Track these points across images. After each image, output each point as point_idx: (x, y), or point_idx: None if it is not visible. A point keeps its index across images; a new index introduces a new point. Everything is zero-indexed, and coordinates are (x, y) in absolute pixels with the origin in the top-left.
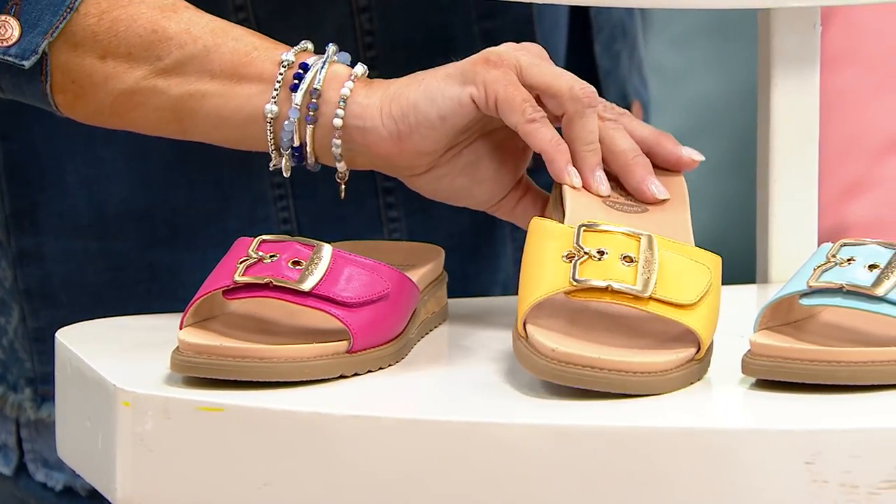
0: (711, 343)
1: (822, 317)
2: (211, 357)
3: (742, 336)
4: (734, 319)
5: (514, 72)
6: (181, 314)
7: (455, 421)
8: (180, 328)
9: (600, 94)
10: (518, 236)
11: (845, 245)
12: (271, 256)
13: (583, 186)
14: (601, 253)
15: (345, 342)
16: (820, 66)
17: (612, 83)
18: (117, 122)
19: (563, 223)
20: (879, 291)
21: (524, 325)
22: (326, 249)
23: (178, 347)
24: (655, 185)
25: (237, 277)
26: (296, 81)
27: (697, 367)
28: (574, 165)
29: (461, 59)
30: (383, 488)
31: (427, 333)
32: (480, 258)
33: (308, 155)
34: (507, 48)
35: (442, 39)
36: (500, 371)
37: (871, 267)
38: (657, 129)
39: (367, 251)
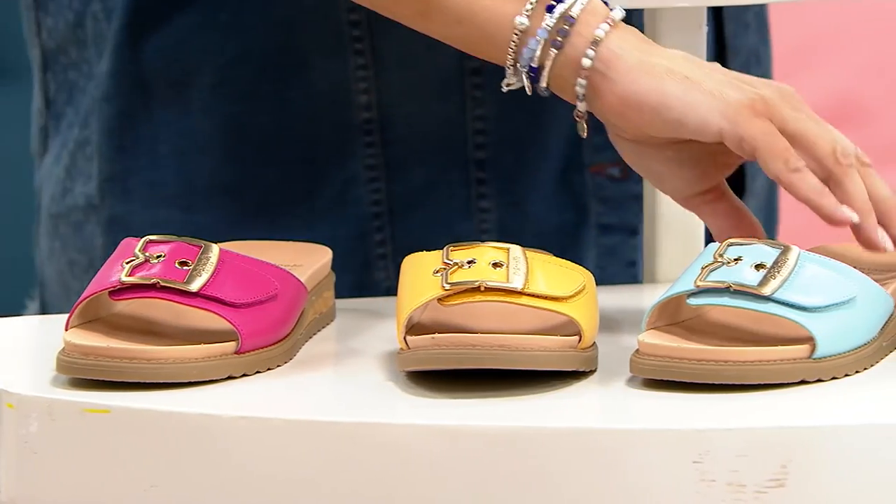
0: (595, 345)
1: (710, 316)
2: (97, 358)
3: (630, 336)
4: (622, 319)
5: (777, 124)
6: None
7: (343, 422)
8: (66, 329)
9: None
10: (602, 242)
11: (732, 245)
12: (158, 257)
13: (868, 247)
14: (471, 262)
15: (233, 343)
16: None
17: None
18: None
19: None
20: (766, 291)
21: (405, 339)
22: (214, 249)
23: (63, 349)
24: None
25: (123, 278)
26: (553, 2)
27: (582, 355)
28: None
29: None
30: (272, 489)
31: (315, 334)
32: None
33: (542, 78)
34: (775, 96)
35: None
36: (388, 371)
37: (758, 266)
38: None
39: (255, 251)
